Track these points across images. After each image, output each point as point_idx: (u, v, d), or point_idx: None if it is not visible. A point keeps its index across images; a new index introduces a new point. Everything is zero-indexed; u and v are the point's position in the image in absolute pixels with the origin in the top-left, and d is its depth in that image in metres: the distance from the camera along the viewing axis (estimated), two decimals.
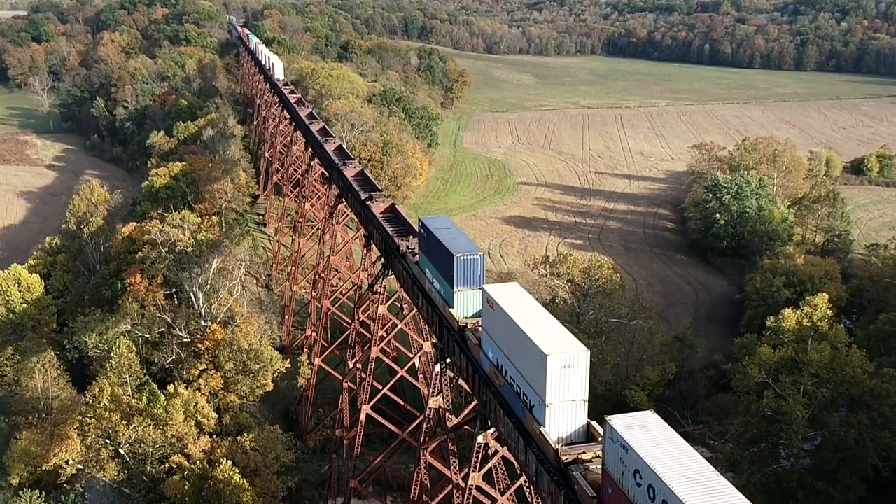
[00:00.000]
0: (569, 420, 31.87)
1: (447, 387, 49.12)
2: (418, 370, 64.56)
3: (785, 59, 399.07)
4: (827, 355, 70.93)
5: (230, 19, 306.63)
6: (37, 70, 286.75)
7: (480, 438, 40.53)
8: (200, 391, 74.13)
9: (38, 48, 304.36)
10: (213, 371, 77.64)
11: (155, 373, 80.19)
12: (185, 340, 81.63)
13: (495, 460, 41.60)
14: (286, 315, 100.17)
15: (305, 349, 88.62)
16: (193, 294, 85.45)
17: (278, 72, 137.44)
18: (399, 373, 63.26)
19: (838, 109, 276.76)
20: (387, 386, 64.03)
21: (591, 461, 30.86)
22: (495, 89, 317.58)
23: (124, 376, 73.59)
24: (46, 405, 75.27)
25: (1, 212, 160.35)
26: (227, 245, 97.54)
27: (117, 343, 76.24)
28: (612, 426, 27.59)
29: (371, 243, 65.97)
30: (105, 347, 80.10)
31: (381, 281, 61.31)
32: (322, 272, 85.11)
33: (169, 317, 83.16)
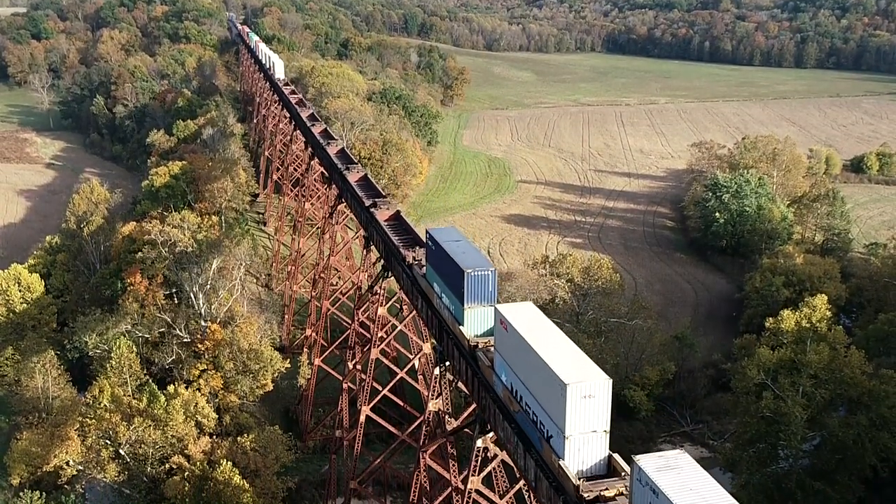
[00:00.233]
0: (589, 452, 30.21)
1: (447, 389, 49.24)
2: (418, 371, 64.74)
3: (785, 57, 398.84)
4: (826, 356, 71.04)
5: (230, 16, 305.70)
6: (36, 67, 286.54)
7: (480, 442, 40.63)
8: (200, 391, 74.35)
9: (38, 46, 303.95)
10: (213, 371, 77.85)
11: (155, 373, 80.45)
12: (185, 340, 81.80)
13: (494, 464, 41.74)
14: (286, 315, 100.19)
15: (305, 349, 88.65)
16: (193, 294, 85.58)
17: (279, 71, 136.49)
18: (399, 374, 63.36)
19: (838, 107, 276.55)
20: (387, 387, 64.16)
21: (616, 499, 29.19)
22: (495, 87, 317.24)
23: (124, 376, 73.83)
24: (47, 405, 75.48)
25: (1, 210, 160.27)
26: (227, 245, 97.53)
27: (117, 343, 76.40)
28: (641, 468, 25.91)
29: (371, 244, 66.07)
30: (105, 347, 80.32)
31: (381, 282, 61.46)
32: (322, 272, 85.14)
33: (169, 317, 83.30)
